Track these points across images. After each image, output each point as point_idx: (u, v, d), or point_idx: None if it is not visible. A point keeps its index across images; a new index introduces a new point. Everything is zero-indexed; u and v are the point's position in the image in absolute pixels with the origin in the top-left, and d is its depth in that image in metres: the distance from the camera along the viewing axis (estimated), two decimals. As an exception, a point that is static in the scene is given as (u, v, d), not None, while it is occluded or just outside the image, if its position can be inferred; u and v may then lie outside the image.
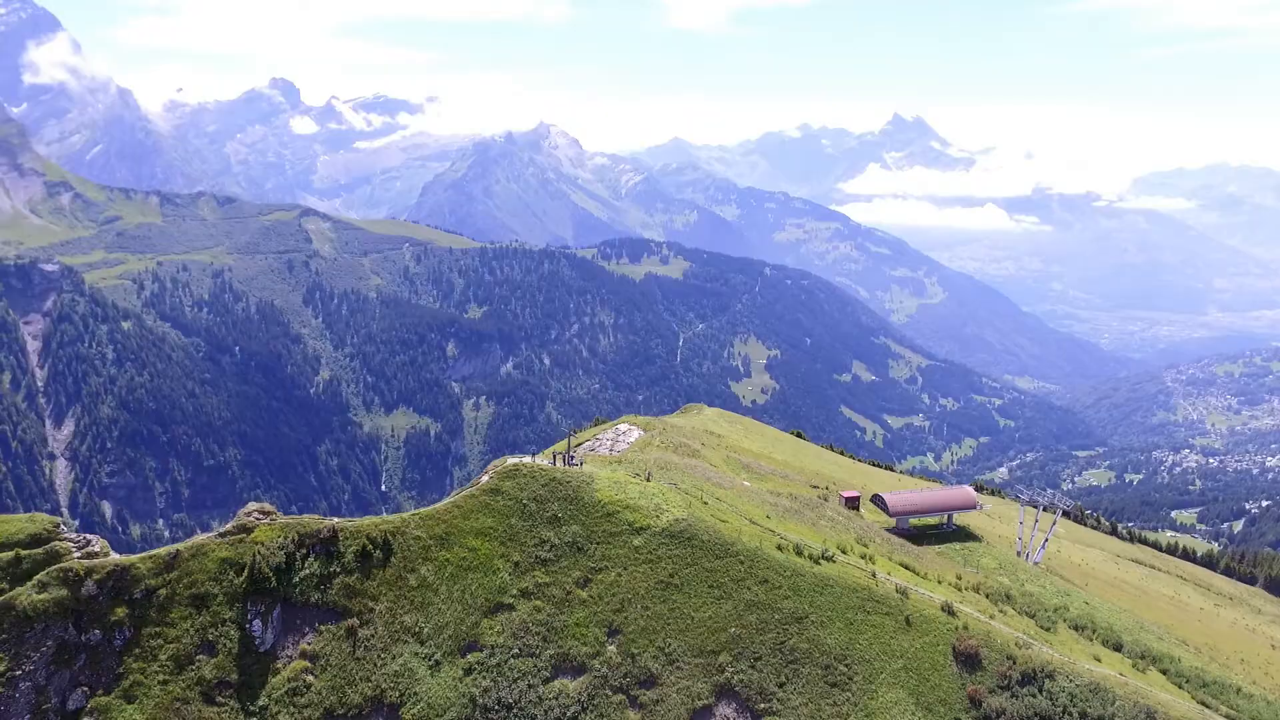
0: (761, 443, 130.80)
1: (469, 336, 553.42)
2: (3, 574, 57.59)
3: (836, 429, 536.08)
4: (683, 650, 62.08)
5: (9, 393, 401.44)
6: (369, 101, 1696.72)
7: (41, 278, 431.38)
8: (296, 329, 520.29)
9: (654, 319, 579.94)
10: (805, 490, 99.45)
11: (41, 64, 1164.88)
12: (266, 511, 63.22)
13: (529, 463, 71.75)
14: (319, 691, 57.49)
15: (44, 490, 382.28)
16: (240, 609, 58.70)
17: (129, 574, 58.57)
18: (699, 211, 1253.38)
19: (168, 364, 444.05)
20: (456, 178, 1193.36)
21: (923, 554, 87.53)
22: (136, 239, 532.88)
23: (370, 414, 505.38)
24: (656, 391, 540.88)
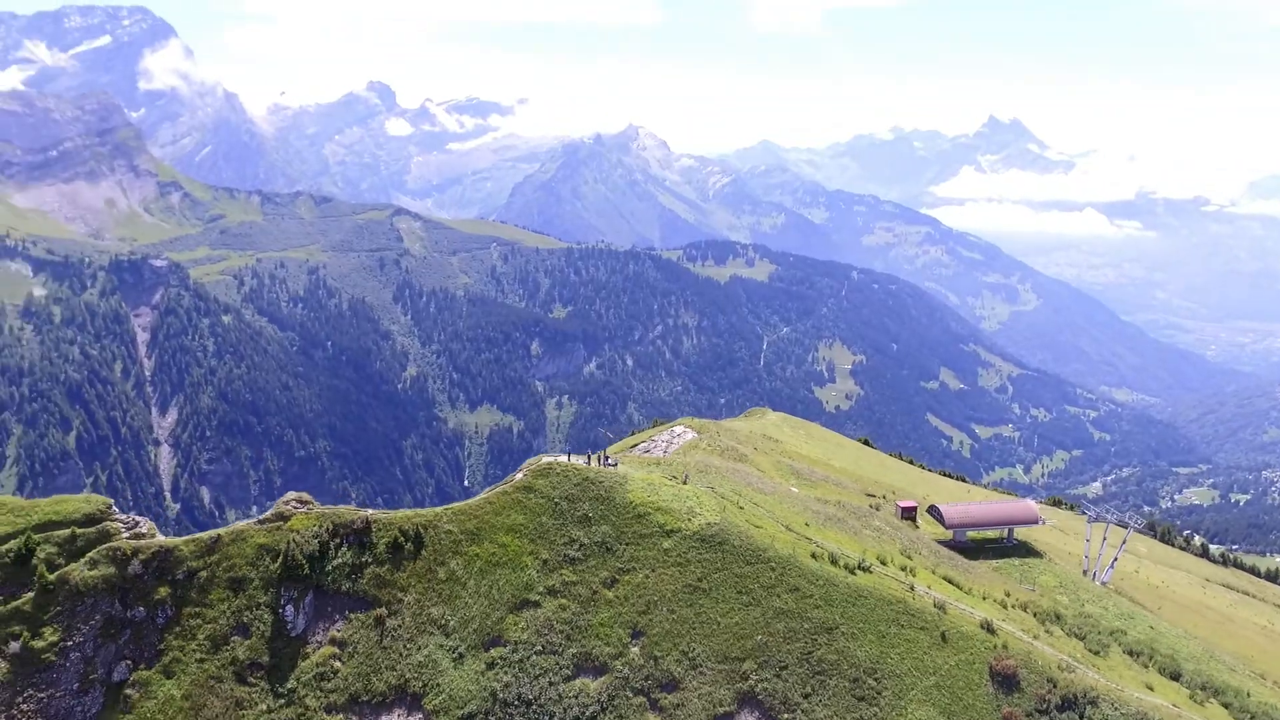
0: (822, 449, 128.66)
1: (553, 336, 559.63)
2: (60, 550, 60.88)
3: (922, 437, 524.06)
4: (707, 655, 61.52)
5: (119, 381, 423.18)
6: (461, 104, 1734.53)
7: (151, 272, 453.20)
8: (386, 326, 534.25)
9: (738, 322, 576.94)
10: (858, 498, 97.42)
11: (156, 71, 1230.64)
12: (304, 501, 65.20)
13: (563, 462, 72.19)
14: (345, 677, 59.00)
15: (149, 474, 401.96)
16: (274, 594, 60.73)
17: (172, 555, 61.20)
18: (786, 214, 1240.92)
19: (264, 357, 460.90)
20: (545, 179, 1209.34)
21: (974, 568, 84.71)
22: (238, 236, 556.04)
23: (455, 410, 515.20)
24: (739, 395, 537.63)
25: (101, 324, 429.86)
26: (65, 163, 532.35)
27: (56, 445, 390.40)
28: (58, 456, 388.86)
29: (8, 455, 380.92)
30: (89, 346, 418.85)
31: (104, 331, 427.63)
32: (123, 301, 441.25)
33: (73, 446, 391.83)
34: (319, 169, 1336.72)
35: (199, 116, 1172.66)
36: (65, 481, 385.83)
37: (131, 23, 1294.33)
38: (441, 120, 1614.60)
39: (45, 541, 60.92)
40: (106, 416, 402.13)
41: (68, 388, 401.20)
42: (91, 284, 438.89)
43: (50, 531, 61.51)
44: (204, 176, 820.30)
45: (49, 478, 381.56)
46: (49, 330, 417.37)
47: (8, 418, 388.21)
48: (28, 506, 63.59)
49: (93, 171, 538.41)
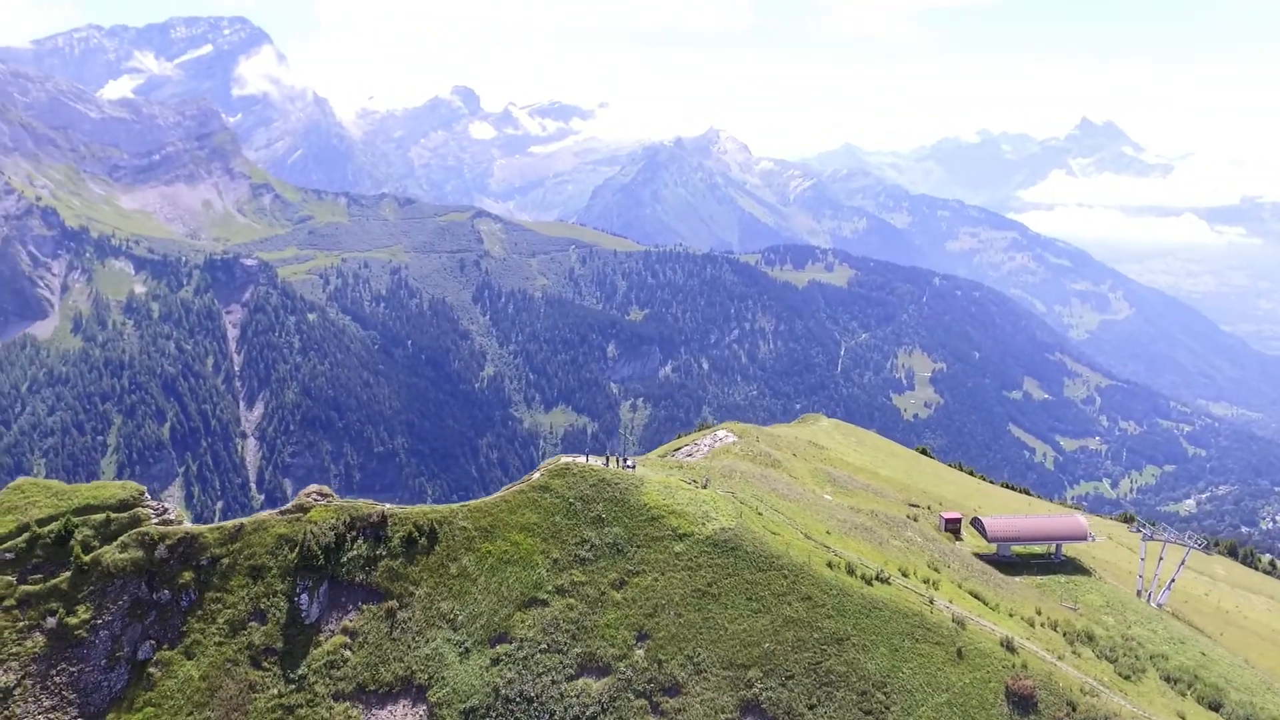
0: (872, 457, 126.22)
1: (629, 338, 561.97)
2: (95, 533, 64.03)
3: (1003, 448, 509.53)
4: (712, 661, 61.07)
5: (211, 375, 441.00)
6: (544, 107, 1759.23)
7: (242, 271, 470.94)
8: (465, 326, 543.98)
9: (815, 327, 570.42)
10: (897, 508, 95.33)
11: (251, 77, 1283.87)
12: (324, 494, 67.14)
13: (581, 462, 72.57)
14: (354, 666, 60.49)
15: (236, 466, 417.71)
16: (291, 583, 62.66)
17: (197, 542, 63.73)
18: (868, 218, 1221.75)
19: (346, 354, 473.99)
20: (625, 182, 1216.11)
21: (1010, 584, 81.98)
22: (325, 237, 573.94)
23: (531, 410, 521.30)
24: (815, 401, 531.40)
25: (195, 320, 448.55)
26: (167, 166, 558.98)
27: (152, 435, 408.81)
28: (153, 446, 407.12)
29: (108, 444, 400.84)
30: (184, 342, 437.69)
31: (197, 327, 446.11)
32: (215, 299, 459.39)
33: (167, 437, 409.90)
34: (404, 171, 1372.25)
35: (291, 121, 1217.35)
36: (159, 470, 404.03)
37: (231, 32, 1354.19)
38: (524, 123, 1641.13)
39: (83, 524, 64.15)
40: (198, 409, 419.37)
41: (163, 381, 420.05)
42: (187, 282, 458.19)
43: (88, 515, 64.76)
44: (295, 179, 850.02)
45: (145, 466, 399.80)
46: (148, 325, 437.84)
47: (109, 408, 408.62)
48: (69, 491, 67.05)
49: (192, 174, 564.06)
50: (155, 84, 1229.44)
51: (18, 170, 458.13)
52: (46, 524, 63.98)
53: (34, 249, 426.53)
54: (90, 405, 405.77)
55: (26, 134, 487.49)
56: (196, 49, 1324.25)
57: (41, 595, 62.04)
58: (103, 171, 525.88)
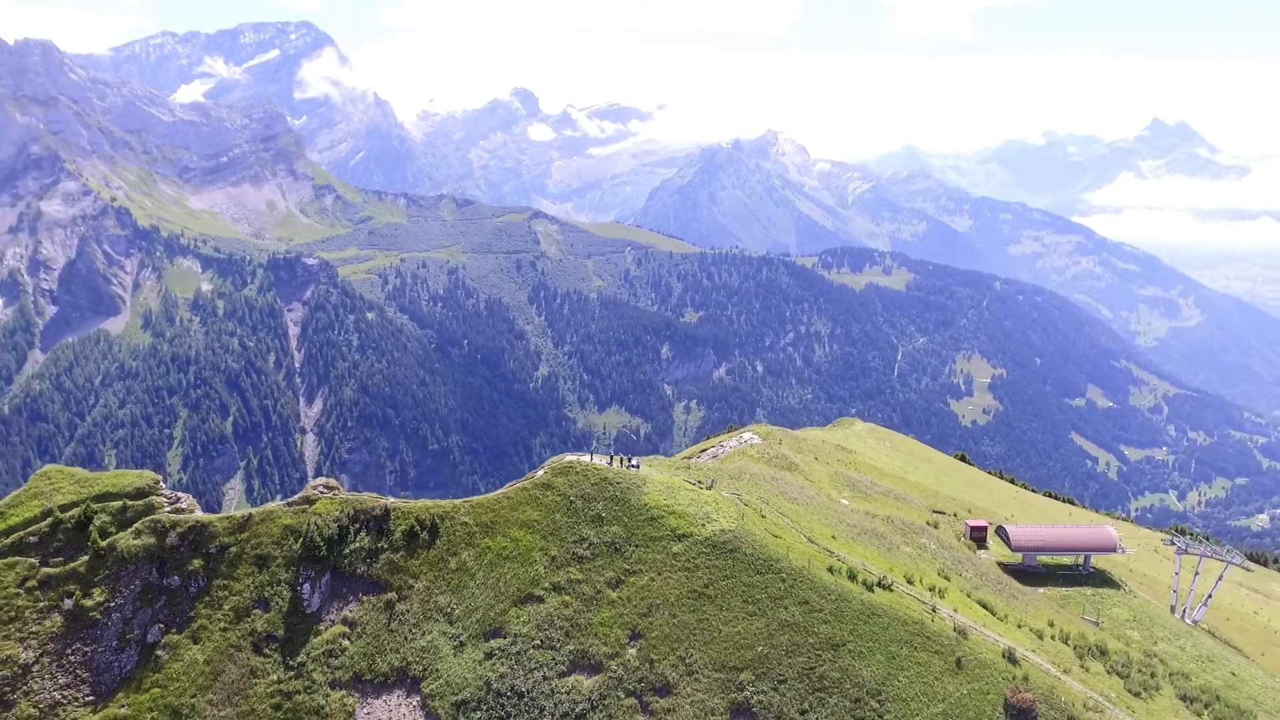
0: (904, 462, 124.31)
1: (684, 340, 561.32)
2: (112, 520, 66.45)
3: (1064, 457, 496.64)
4: (704, 663, 60.87)
5: (272, 371, 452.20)
6: (602, 109, 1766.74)
7: (304, 270, 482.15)
8: (521, 326, 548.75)
9: (872, 331, 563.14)
10: (919, 514, 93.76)
11: (314, 80, 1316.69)
12: (331, 486, 68.64)
13: (584, 461, 72.91)
14: (352, 656, 61.73)
15: (295, 460, 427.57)
16: (295, 573, 64.22)
17: (207, 530, 65.71)
18: (928, 221, 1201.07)
19: (403, 353, 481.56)
20: (683, 183, 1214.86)
21: (1027, 595, 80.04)
22: (384, 237, 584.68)
23: (584, 411, 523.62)
24: (870, 405, 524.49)
25: (258, 318, 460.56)
26: (234, 168, 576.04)
27: (216, 429, 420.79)
28: (216, 440, 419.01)
29: (175, 437, 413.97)
30: (247, 338, 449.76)
31: (260, 325, 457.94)
32: (278, 297, 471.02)
33: (230, 431, 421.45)
34: (464, 173, 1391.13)
35: (354, 123, 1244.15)
36: (222, 463, 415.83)
37: (297, 36, 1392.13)
38: (582, 125, 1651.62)
39: (101, 511, 66.65)
40: (260, 404, 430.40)
41: (227, 376, 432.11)
42: (251, 280, 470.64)
43: (107, 502, 67.26)
44: (357, 180, 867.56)
45: (208, 459, 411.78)
46: (213, 322, 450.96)
47: (176, 402, 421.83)
48: (91, 479, 69.69)
49: (257, 175, 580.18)
50: (224, 88, 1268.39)
51: (95, 172, 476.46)
52: (69, 510, 66.63)
53: (108, 248, 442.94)
54: (158, 399, 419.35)
55: (104, 137, 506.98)
56: (264, 54, 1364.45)
57: (61, 578, 64.62)
58: (173, 173, 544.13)
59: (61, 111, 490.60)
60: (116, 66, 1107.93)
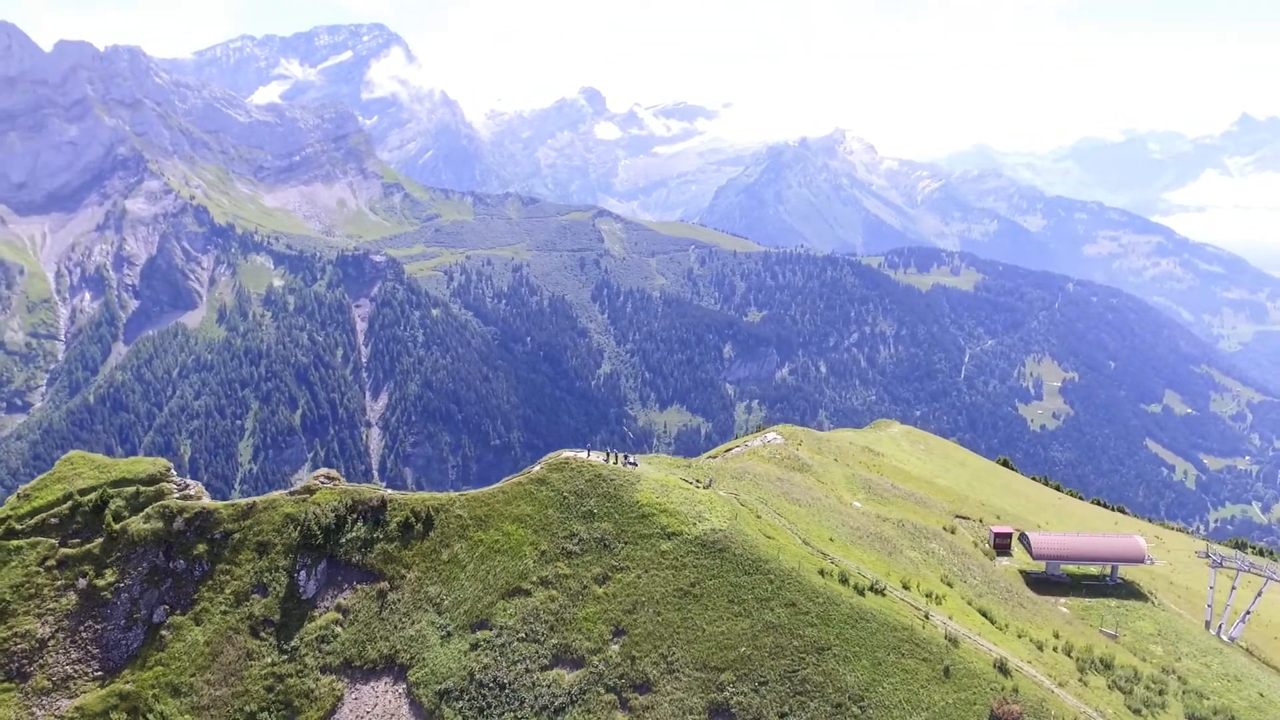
0: (936, 466, 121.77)
1: (746, 339, 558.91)
2: (126, 504, 69.37)
3: (1138, 464, 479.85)
4: (685, 661, 60.79)
5: (340, 366, 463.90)
6: (669, 108, 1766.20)
7: (371, 267, 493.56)
8: (583, 323, 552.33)
9: (939, 332, 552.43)
10: (937, 519, 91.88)
11: (384, 80, 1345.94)
12: (331, 477, 70.47)
13: (581, 457, 73.39)
14: (343, 642, 63.34)
15: (360, 453, 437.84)
16: (292, 560, 66.15)
17: (212, 517, 68.13)
18: (999, 221, 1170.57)
19: (467, 349, 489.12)
20: (749, 182, 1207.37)
21: (1039, 605, 77.82)
22: (451, 235, 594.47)
23: (645, 409, 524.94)
24: (936, 408, 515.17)
25: (327, 313, 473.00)
26: (306, 167, 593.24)
27: (285, 421, 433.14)
28: (285, 432, 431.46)
29: (246, 428, 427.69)
30: (316, 333, 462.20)
31: (328, 320, 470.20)
32: (346, 293, 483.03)
33: (298, 423, 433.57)
34: (531, 171, 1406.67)
35: (423, 123, 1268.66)
36: (290, 454, 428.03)
37: (370, 38, 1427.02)
38: (649, 124, 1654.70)
39: (117, 495, 69.61)
40: (327, 398, 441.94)
41: (297, 370, 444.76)
42: (321, 276, 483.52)
43: (122, 487, 70.21)
44: (425, 179, 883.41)
45: (278, 450, 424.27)
46: (284, 317, 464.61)
47: (248, 394, 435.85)
48: (110, 464, 72.81)
49: (328, 174, 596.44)
50: (299, 89, 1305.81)
51: (176, 172, 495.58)
52: (87, 494, 69.77)
53: (187, 244, 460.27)
54: (231, 391, 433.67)
55: (185, 138, 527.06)
56: (337, 55, 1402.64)
57: (77, 558, 67.71)
58: (249, 172, 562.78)
59: (146, 114, 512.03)
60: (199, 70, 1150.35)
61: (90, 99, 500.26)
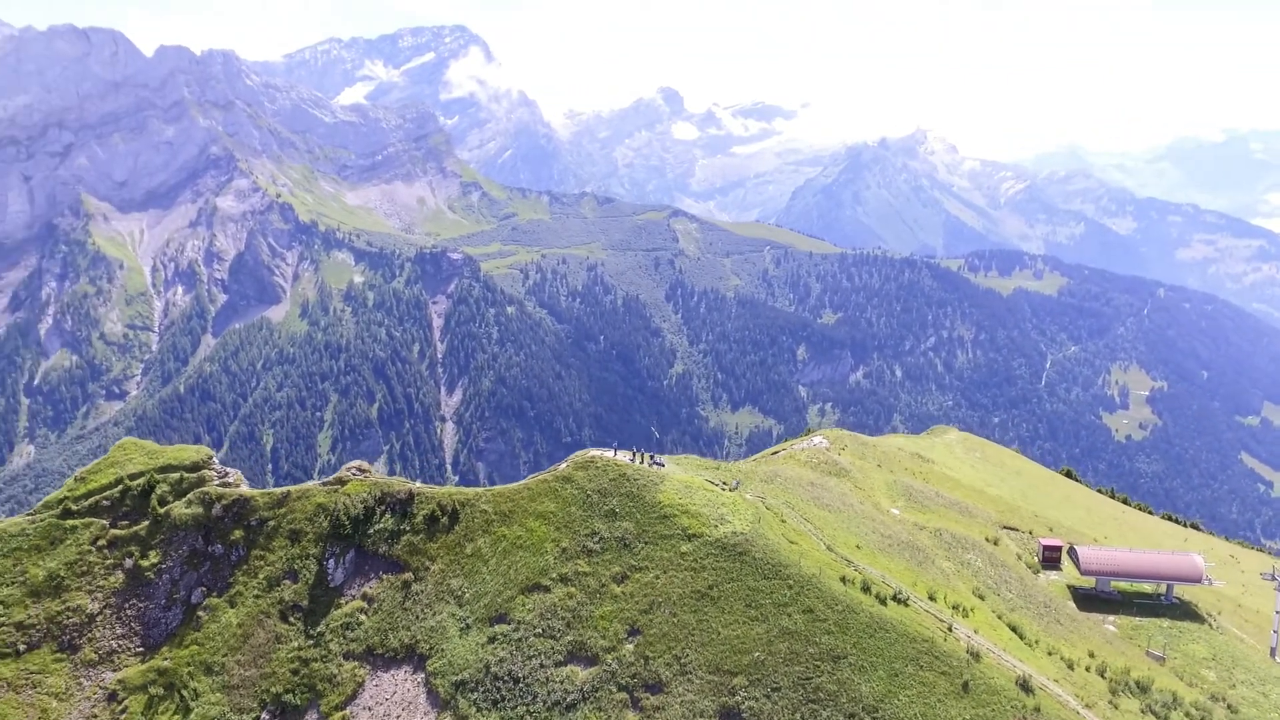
0: (990, 474, 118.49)
1: (820, 342, 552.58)
2: (171, 489, 72.40)
3: (1231, 479, 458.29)
4: (698, 664, 60.57)
5: (416, 361, 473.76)
6: (747, 108, 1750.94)
7: (448, 264, 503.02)
8: (657, 323, 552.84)
9: (1019, 337, 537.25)
10: (981, 530, 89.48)
11: (464, 81, 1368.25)
12: (363, 469, 72.31)
13: (606, 456, 73.66)
14: (367, 630, 64.97)
15: (434, 447, 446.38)
16: (322, 548, 68.10)
17: (249, 504, 70.58)
18: (1086, 223, 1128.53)
19: (540, 347, 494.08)
20: (827, 183, 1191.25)
21: (1079, 622, 75.07)
22: (527, 233, 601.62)
23: (717, 410, 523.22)
24: (1015, 415, 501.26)
25: (405, 309, 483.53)
26: (387, 166, 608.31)
27: (362, 414, 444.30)
28: (363, 424, 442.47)
29: (325, 420, 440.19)
30: (394, 329, 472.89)
31: (406, 316, 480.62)
32: (423, 289, 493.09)
33: (375, 417, 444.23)
34: (608, 171, 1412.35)
35: (502, 123, 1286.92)
36: (367, 446, 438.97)
37: (452, 40, 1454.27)
38: (727, 124, 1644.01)
39: (163, 481, 72.72)
40: (404, 392, 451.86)
41: (375, 364, 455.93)
42: (399, 273, 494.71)
43: (168, 473, 73.30)
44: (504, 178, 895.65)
45: (355, 442, 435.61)
46: (363, 313, 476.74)
47: (327, 387, 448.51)
48: (159, 451, 76.05)
49: (409, 173, 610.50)
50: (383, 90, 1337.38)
51: (264, 170, 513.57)
52: (136, 478, 73.04)
53: (272, 241, 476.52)
54: (311, 384, 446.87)
55: (273, 138, 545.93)
56: (420, 56, 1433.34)
57: (125, 539, 70.97)
58: (333, 171, 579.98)
59: (237, 114, 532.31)
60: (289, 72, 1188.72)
61: (186, 101, 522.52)
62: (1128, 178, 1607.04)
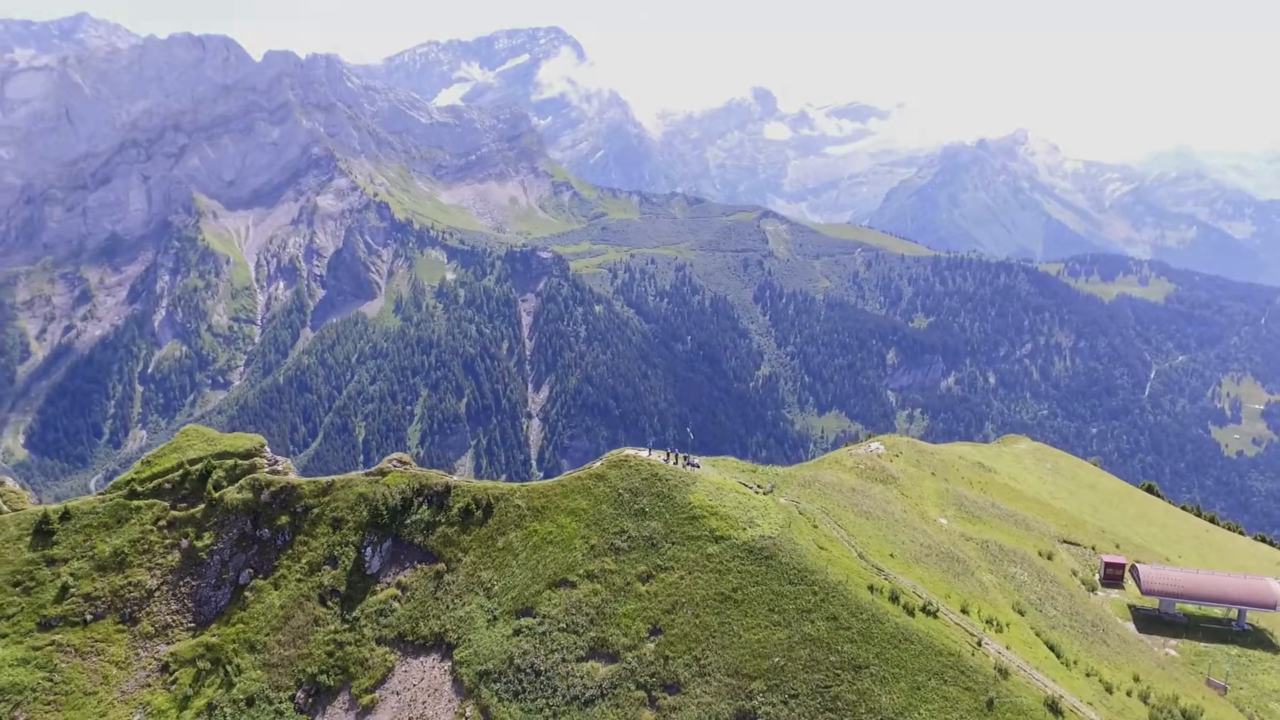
0: (1058, 486, 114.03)
1: (911, 346, 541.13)
2: (226, 475, 75.95)
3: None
4: (717, 666, 60.34)
5: (504, 358, 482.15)
6: (840, 108, 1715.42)
7: (538, 263, 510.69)
8: (744, 324, 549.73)
9: (1121, 345, 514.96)
10: (1036, 543, 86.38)
11: (557, 81, 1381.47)
12: (404, 461, 74.39)
13: (640, 456, 73.94)
14: (399, 617, 66.93)
15: (520, 443, 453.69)
16: (361, 536, 70.44)
17: (295, 492, 73.48)
18: (1199, 227, 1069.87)
19: (627, 346, 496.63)
20: (922, 184, 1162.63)
21: (1139, 645, 71.73)
22: (616, 233, 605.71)
23: (803, 413, 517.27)
24: (1115, 426, 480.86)
25: (495, 306, 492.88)
26: (481, 166, 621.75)
27: (451, 409, 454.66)
28: (451, 419, 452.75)
29: (415, 413, 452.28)
30: (483, 325, 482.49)
31: (496, 313, 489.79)
32: (513, 288, 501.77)
33: (463, 412, 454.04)
34: (699, 171, 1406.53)
35: (595, 123, 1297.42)
36: (455, 441, 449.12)
37: (546, 41, 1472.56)
38: (820, 125, 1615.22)
39: (219, 467, 76.34)
40: (491, 388, 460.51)
41: (464, 360, 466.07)
42: (490, 271, 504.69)
43: (224, 460, 76.91)
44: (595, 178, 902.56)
45: (443, 435, 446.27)
46: (454, 310, 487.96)
47: (418, 382, 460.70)
48: (217, 438, 79.84)
49: (501, 173, 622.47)
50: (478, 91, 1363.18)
51: (362, 170, 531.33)
52: (195, 464, 76.88)
53: (369, 238, 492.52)
54: (403, 378, 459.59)
55: (371, 138, 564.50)
56: (515, 58, 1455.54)
57: (183, 521, 74.80)
58: (428, 170, 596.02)
59: (338, 116, 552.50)
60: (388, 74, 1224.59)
61: (291, 103, 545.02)
62: (1246, 179, 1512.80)
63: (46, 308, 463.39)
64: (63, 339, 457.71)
